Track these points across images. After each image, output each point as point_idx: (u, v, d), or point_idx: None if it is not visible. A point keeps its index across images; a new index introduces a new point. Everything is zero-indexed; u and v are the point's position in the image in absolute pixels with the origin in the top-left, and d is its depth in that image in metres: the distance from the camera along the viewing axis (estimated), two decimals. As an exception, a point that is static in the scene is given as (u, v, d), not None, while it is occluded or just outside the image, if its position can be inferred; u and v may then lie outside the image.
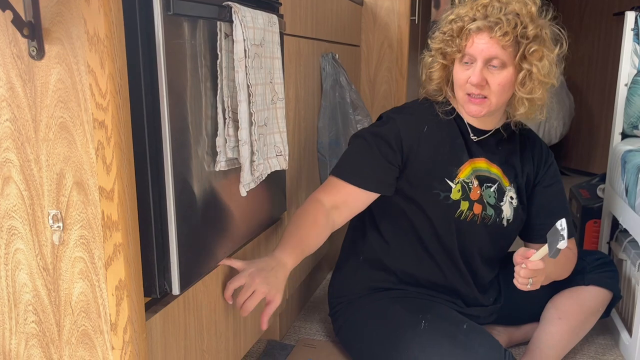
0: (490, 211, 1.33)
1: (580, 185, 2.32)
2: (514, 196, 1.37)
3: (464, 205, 1.31)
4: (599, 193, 2.07)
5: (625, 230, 1.68)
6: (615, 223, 1.83)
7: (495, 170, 1.36)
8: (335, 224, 1.27)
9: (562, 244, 1.07)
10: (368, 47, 2.29)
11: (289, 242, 1.19)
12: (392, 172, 1.30)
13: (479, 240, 1.35)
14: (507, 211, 1.36)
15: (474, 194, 1.32)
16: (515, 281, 1.17)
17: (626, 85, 1.82)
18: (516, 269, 1.16)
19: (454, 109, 1.34)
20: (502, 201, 1.35)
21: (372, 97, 2.32)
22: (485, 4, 1.22)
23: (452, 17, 1.26)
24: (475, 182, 1.32)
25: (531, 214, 1.41)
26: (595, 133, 3.75)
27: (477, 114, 1.26)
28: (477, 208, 1.32)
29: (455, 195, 1.29)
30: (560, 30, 1.25)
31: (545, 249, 1.12)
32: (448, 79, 1.32)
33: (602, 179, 2.21)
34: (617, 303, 1.47)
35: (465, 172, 1.32)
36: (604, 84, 3.67)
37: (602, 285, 1.40)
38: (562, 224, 1.07)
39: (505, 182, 1.36)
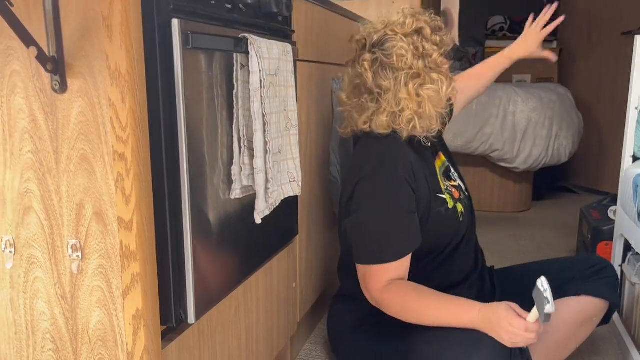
0: (461, 194, 1.42)
1: (591, 206, 2.32)
2: (453, 170, 1.47)
3: (460, 207, 1.37)
4: (610, 215, 2.06)
5: (638, 254, 1.67)
6: (627, 245, 1.82)
7: (442, 159, 1.45)
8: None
9: (549, 308, 1.04)
10: (378, 69, 2.31)
11: (458, 301, 1.19)
12: (417, 217, 1.29)
13: (470, 220, 1.43)
14: (461, 183, 1.47)
15: (455, 193, 1.39)
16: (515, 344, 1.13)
17: (636, 108, 1.83)
18: (515, 332, 1.11)
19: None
20: (455, 179, 1.45)
21: (382, 118, 2.33)
22: None
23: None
24: (447, 183, 1.39)
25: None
26: (605, 151, 3.74)
27: None
28: (463, 200, 1.40)
29: (450, 203, 1.35)
30: None
31: (536, 311, 1.07)
32: None
33: (613, 199, 2.20)
34: (615, 310, 1.44)
35: (440, 180, 1.37)
36: (613, 103, 3.67)
37: (597, 295, 1.36)
38: (542, 284, 1.05)
39: (447, 162, 1.47)
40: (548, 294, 1.05)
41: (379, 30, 1.28)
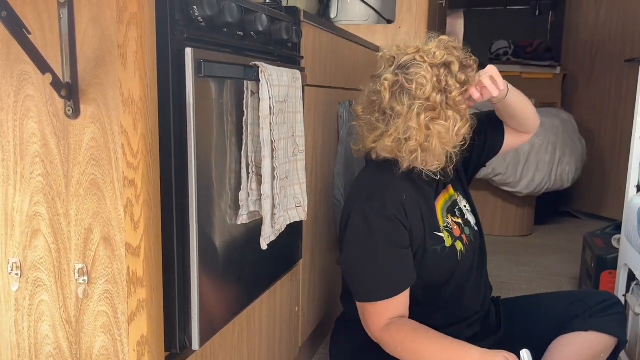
0: (467, 230, 1.38)
1: (595, 233, 2.31)
2: (466, 203, 1.44)
3: (459, 245, 1.34)
4: (614, 243, 2.06)
5: (642, 284, 1.66)
6: (631, 275, 1.81)
7: (449, 193, 1.41)
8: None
9: None
10: (383, 92, 2.33)
11: (458, 346, 1.19)
12: (410, 252, 1.28)
13: (476, 259, 1.40)
14: (471, 218, 1.43)
15: (456, 230, 1.35)
16: None
17: (641, 138, 1.83)
18: None
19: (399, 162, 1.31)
20: (463, 214, 1.41)
21: (387, 141, 2.34)
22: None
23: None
24: (448, 219, 1.36)
25: (491, 148, 1.47)
26: (607, 177, 3.75)
27: None
28: (464, 238, 1.36)
29: (448, 242, 1.32)
30: None
31: None
32: None
33: (617, 227, 2.20)
34: (623, 348, 1.42)
35: (440, 217, 1.34)
36: (616, 128, 3.68)
37: (604, 330, 1.34)
38: (524, 357, 1.09)
39: (456, 195, 1.43)
40: None
41: (409, 53, 1.24)
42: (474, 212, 1.46)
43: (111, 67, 0.80)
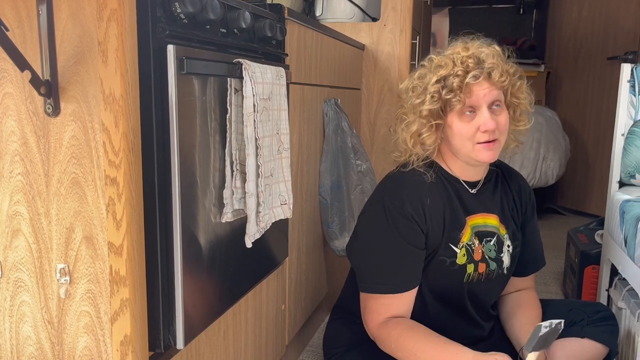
0: (493, 265, 1.35)
1: (578, 229, 2.34)
2: (510, 244, 1.40)
3: (470, 269, 1.32)
4: (597, 239, 2.08)
5: (625, 279, 1.68)
6: (614, 270, 1.84)
7: (492, 221, 1.37)
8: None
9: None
10: (369, 90, 2.33)
11: (452, 347, 1.19)
12: (423, 254, 1.29)
13: (487, 293, 1.38)
14: (506, 260, 1.39)
15: (477, 255, 1.32)
16: None
17: (623, 135, 1.86)
18: None
19: (439, 169, 1.32)
20: (502, 252, 1.37)
21: (372, 138, 2.35)
22: (469, 55, 1.25)
23: (435, 78, 1.23)
24: (476, 241, 1.33)
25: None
26: (591, 174, 3.79)
27: (492, 158, 1.27)
28: (482, 267, 1.33)
29: (460, 260, 1.30)
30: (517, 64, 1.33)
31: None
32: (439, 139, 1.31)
33: (600, 223, 2.22)
34: (614, 357, 1.46)
35: (466, 234, 1.32)
36: (599, 125, 3.72)
37: (599, 339, 1.38)
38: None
39: (502, 230, 1.38)
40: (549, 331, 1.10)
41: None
42: (514, 258, 1.41)
43: (91, 64, 0.80)
